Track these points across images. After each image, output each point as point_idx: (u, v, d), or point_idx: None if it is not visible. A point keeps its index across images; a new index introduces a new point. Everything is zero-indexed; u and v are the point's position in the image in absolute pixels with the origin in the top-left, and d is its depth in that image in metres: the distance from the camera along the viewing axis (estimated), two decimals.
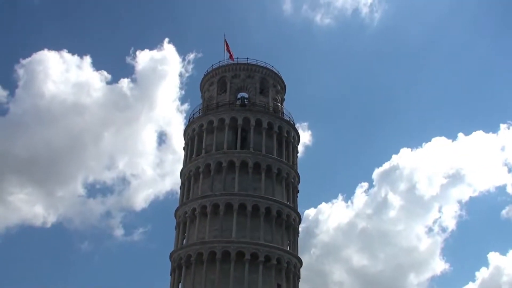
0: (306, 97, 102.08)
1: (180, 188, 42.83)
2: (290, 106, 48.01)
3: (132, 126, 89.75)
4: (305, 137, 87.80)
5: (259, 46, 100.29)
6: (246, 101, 44.64)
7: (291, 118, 44.76)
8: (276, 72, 46.67)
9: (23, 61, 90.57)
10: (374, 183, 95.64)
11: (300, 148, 46.76)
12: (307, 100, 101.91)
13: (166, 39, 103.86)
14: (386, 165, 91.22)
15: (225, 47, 46.58)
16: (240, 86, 45.33)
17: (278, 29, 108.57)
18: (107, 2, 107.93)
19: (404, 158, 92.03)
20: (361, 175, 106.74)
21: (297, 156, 44.99)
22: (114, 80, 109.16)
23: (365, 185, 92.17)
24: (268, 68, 46.10)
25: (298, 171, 43.95)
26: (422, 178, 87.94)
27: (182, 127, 46.54)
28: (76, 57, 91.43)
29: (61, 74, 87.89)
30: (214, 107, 43.80)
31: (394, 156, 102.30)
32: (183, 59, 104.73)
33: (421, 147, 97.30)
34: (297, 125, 45.56)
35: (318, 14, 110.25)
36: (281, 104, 46.84)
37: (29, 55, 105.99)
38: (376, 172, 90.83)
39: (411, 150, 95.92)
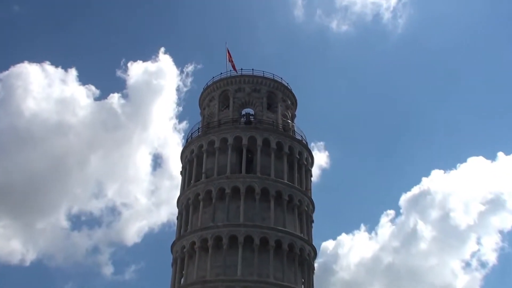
0: (321, 114, 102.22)
1: (177, 219, 42.87)
2: (302, 124, 48.23)
3: (123, 148, 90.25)
4: (321, 158, 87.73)
5: (266, 56, 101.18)
6: (251, 118, 44.89)
7: (303, 137, 45.02)
8: (286, 85, 47.00)
9: (0, 75, 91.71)
10: (401, 211, 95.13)
11: (316, 171, 46.87)
12: (323, 117, 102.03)
13: (162, 49, 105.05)
14: (415, 190, 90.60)
15: (228, 57, 47.02)
16: (244, 101, 45.62)
17: (288, 37, 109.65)
18: (95, 8, 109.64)
19: (436, 182, 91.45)
20: (387, 201, 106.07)
21: (311, 181, 45.12)
22: (103, 95, 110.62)
23: (391, 213, 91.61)
24: (276, 81, 46.45)
25: (313, 197, 43.97)
26: (457, 204, 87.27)
27: (179, 149, 46.68)
28: (60, 70, 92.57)
29: (43, 89, 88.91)
30: (216, 125, 43.99)
31: (424, 179, 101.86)
32: (181, 71, 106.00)
33: (455, 169, 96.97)
34: (311, 145, 45.82)
35: (333, 20, 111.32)
36: (292, 121, 47.01)
37: (7, 68, 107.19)
38: (404, 198, 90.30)
39: (444, 172, 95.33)
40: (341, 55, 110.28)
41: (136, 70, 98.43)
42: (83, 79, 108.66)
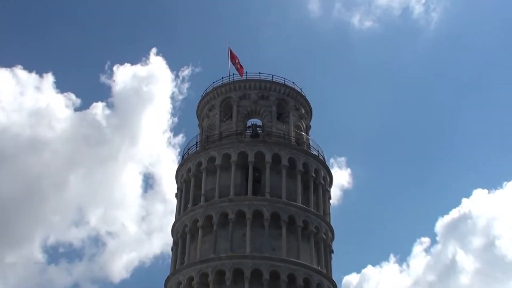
0: (341, 125, 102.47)
1: (172, 250, 42.88)
2: (319, 137, 48.30)
3: (108, 167, 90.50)
4: (342, 177, 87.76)
5: (275, 58, 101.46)
6: (259, 130, 44.90)
7: (320, 152, 44.98)
8: (299, 90, 47.29)
9: None
10: (437, 238, 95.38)
11: (336, 192, 46.84)
12: (343, 129, 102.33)
13: (153, 50, 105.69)
14: (453, 213, 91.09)
15: (230, 58, 47.18)
16: (250, 110, 45.83)
17: (301, 35, 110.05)
18: (74, 3, 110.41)
19: (479, 204, 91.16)
20: (420, 227, 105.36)
21: (330, 204, 45.00)
22: (85, 105, 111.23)
23: (425, 241, 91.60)
24: (287, 86, 46.70)
25: (333, 223, 43.88)
26: (504, 230, 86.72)
27: (174, 167, 46.77)
28: (34, 76, 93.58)
29: (14, 98, 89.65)
30: (217, 139, 44.02)
31: (464, 200, 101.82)
32: (176, 76, 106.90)
33: (501, 188, 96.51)
34: (330, 162, 45.89)
35: (355, 15, 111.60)
36: (307, 133, 47.10)
37: None
38: (441, 224, 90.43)
39: (488, 192, 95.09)
40: (364, 56, 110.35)
41: (123, 74, 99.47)
42: (61, 86, 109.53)
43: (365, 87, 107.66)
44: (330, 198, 45.29)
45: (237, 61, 47.03)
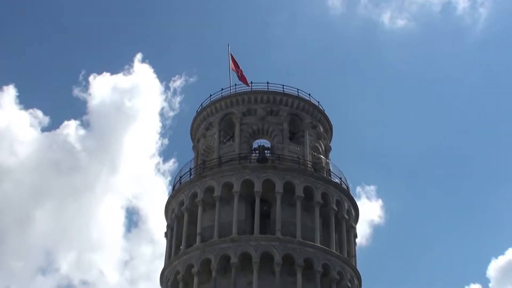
0: (369, 146, 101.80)
1: None
2: (341, 160, 47.78)
3: (82, 200, 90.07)
4: (371, 210, 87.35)
5: (287, 64, 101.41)
6: (267, 154, 44.70)
7: (343, 179, 44.72)
8: (316, 104, 47.12)
9: None
10: (490, 284, 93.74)
11: (363, 229, 46.25)
12: (372, 150, 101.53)
13: (138, 56, 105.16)
14: (510, 254, 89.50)
15: (231, 65, 47.06)
16: (257, 128, 45.85)
17: (319, 37, 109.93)
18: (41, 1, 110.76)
19: None
20: (469, 272, 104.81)
21: (355, 243, 44.56)
22: (54, 124, 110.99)
23: None
24: (302, 98, 46.80)
25: (359, 268, 43.59)
26: None
27: (164, 199, 46.54)
28: None
29: None
30: (215, 165, 43.86)
31: None
32: (166, 87, 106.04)
33: None
34: (356, 191, 45.49)
35: (386, 12, 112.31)
36: (326, 156, 46.69)
37: None
38: (494, 266, 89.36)
39: None
40: (397, 62, 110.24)
41: (101, 86, 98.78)
42: (26, 101, 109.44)
43: (398, 99, 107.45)
44: (356, 236, 45.14)
45: (238, 71, 46.90)
